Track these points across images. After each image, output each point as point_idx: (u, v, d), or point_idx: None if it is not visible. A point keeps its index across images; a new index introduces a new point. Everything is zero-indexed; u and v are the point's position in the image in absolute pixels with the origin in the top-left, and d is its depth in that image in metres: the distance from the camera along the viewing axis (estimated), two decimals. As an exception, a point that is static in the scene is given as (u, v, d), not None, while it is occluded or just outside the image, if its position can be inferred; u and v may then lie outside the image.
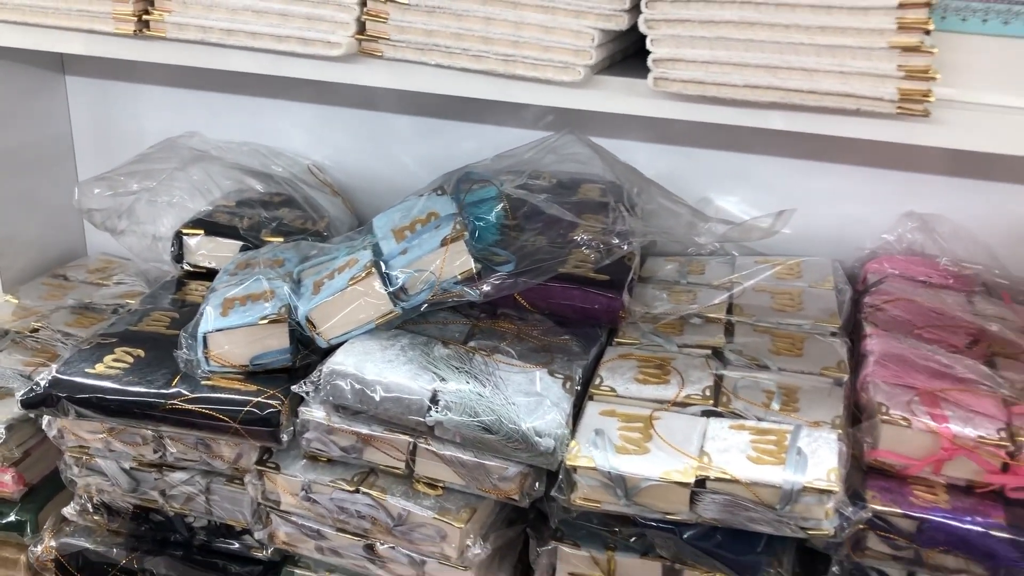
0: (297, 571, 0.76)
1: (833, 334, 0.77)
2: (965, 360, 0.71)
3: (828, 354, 0.74)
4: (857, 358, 0.74)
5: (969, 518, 0.61)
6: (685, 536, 0.65)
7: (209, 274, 0.85)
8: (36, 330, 0.94)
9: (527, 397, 0.67)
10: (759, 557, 0.64)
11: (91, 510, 0.79)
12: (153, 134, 1.03)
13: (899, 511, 0.62)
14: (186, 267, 0.88)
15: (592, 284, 0.76)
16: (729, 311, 0.80)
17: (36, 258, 1.08)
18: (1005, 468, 0.62)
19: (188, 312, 0.80)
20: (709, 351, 0.75)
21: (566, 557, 0.69)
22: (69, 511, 0.80)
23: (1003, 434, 0.63)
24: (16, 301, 1.01)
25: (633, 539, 0.67)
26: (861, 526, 0.62)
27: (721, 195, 0.90)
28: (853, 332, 0.78)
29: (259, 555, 0.77)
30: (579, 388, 0.70)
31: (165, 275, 0.92)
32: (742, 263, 0.87)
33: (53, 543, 0.80)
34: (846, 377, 0.71)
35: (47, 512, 0.85)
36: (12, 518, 0.84)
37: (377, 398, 0.67)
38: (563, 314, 0.77)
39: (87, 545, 0.80)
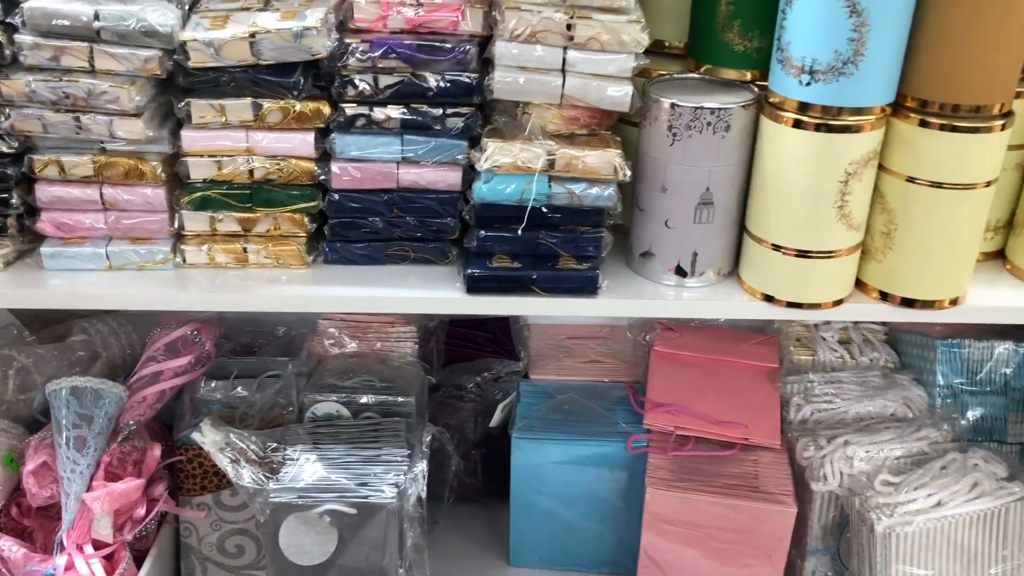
0: (35, 156, 1.24)
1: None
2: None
3: (336, -14, 1.30)
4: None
5: (394, 39, 1.20)
6: (255, 75, 1.20)
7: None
8: None
9: (154, 5, 1.18)
10: (296, 80, 1.20)
11: None
12: None
13: (361, 41, 1.19)
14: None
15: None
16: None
17: None
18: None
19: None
20: (266, -10, 1.29)
21: (198, 107, 1.22)
22: None
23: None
24: None
25: (228, 86, 1.21)
26: (343, 50, 1.19)
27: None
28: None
29: (7, 150, 1.23)
30: (188, 9, 1.22)
31: None
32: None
33: None
34: (341, -8, 1.28)
35: None
36: None
37: (62, 21, 1.15)
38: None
39: None
